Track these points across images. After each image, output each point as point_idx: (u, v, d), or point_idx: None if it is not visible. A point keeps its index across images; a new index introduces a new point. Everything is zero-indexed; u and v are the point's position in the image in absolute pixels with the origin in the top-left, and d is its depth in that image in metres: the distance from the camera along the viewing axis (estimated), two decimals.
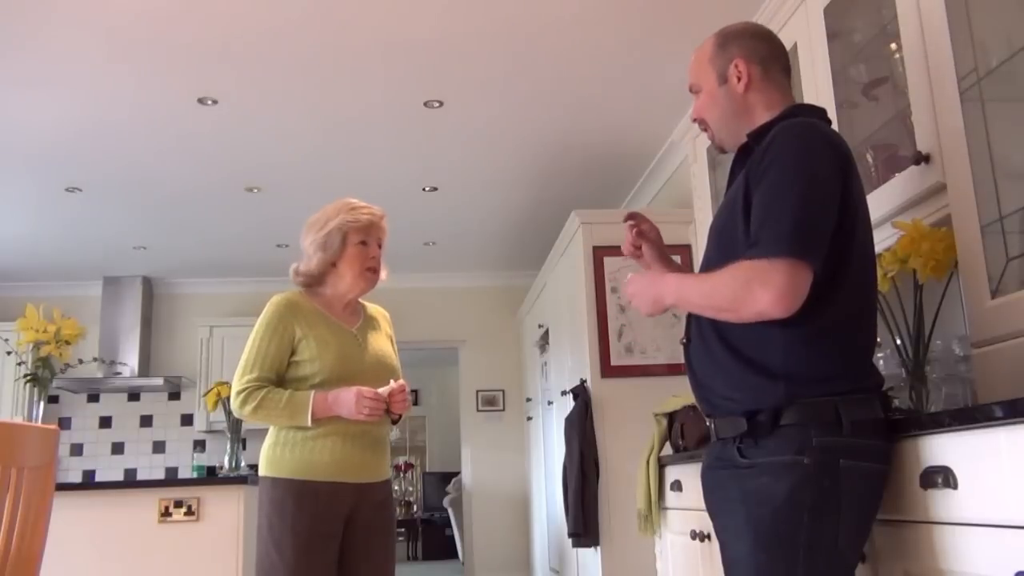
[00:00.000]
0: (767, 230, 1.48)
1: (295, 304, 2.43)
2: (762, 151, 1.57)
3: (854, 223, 1.54)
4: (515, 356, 7.40)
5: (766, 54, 1.73)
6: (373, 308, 2.63)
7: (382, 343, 2.54)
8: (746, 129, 1.71)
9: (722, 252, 1.64)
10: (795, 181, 1.50)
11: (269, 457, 2.37)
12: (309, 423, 2.30)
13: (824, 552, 1.45)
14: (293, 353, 2.39)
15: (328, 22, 3.45)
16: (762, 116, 1.70)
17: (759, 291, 1.44)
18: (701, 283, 1.60)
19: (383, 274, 2.54)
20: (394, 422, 2.50)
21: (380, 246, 2.53)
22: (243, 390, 2.34)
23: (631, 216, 1.94)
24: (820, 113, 1.72)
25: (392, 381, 2.38)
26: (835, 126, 2.31)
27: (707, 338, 1.62)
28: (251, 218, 5.73)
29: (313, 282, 2.50)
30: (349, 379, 2.35)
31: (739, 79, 1.71)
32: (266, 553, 2.29)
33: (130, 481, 6.29)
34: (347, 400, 2.30)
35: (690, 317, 1.71)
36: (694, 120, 1.84)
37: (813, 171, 1.51)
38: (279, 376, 2.39)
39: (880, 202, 2.12)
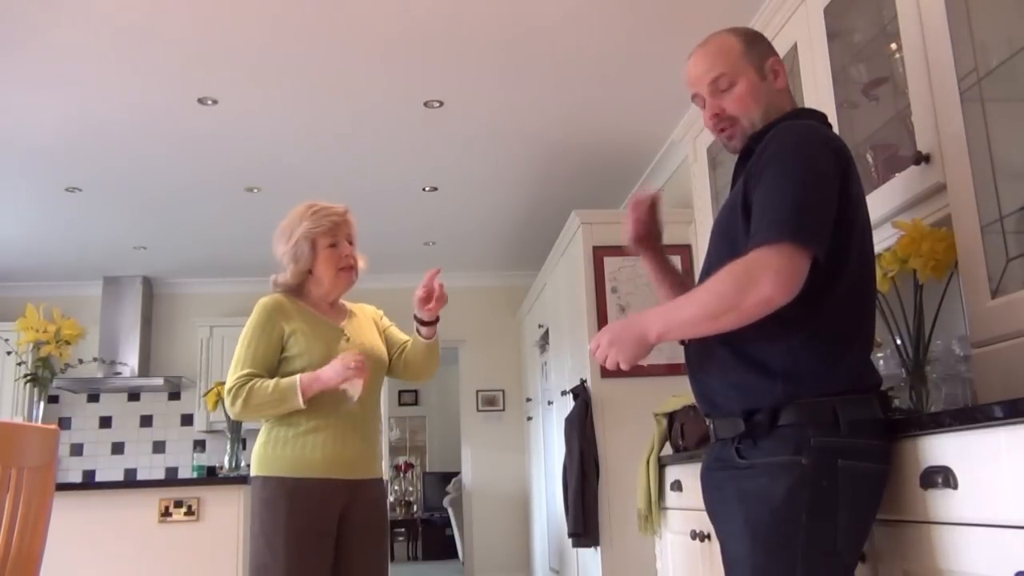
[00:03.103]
0: (765, 220, 1.47)
1: (282, 304, 2.45)
2: (760, 151, 1.58)
3: (852, 223, 1.54)
4: (515, 356, 7.40)
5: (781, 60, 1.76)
6: (358, 307, 2.64)
7: (370, 337, 2.55)
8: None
9: (723, 253, 1.64)
10: (794, 175, 1.50)
11: (260, 456, 2.37)
12: (301, 403, 2.30)
13: (822, 552, 1.45)
14: (283, 350, 2.41)
15: (328, 22, 3.45)
16: (779, 116, 1.70)
17: (760, 276, 1.42)
18: (691, 297, 1.54)
19: (361, 264, 2.56)
20: (429, 337, 2.51)
21: (351, 242, 2.53)
22: (232, 386, 2.35)
23: (634, 202, 1.87)
24: (821, 117, 1.72)
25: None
26: (835, 126, 2.32)
27: (707, 338, 1.62)
28: (251, 218, 5.73)
29: (293, 291, 2.52)
30: None
31: (776, 76, 1.70)
32: (259, 553, 2.28)
33: (130, 481, 6.28)
34: (330, 366, 2.31)
35: None
36: (724, 115, 1.69)
37: (812, 166, 1.51)
38: (270, 374, 2.40)
39: (880, 202, 2.12)
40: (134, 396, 7.08)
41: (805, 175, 1.50)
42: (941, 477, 1.38)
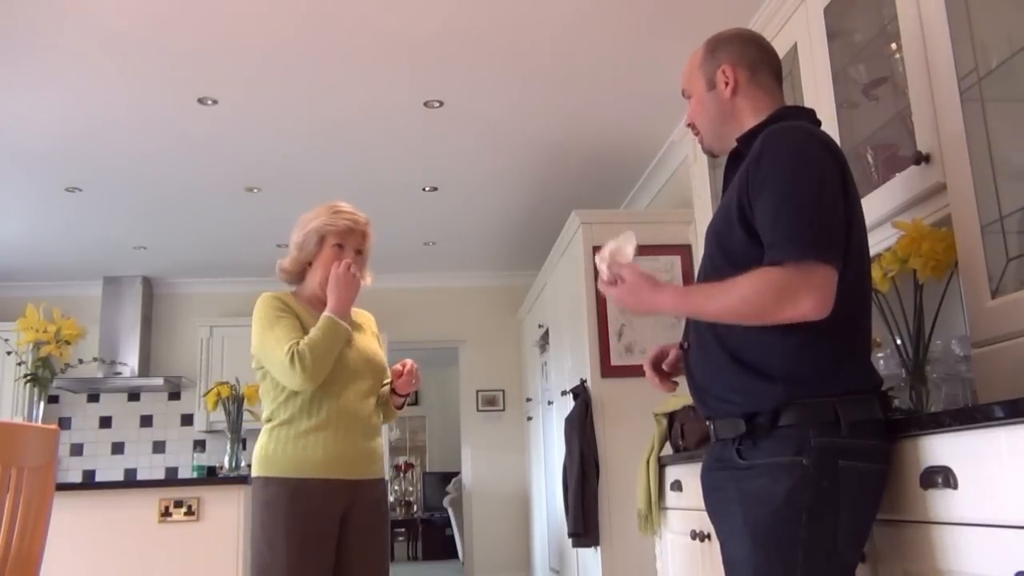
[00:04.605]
0: (785, 237, 1.47)
1: (283, 299, 2.45)
2: (755, 156, 1.57)
3: (850, 225, 1.54)
4: (515, 356, 7.40)
5: (754, 58, 1.74)
6: (361, 314, 2.63)
7: (368, 342, 2.55)
8: (734, 133, 1.71)
9: (719, 256, 1.64)
10: (803, 184, 1.50)
11: (261, 456, 2.36)
12: (347, 325, 2.38)
13: (823, 553, 1.45)
14: None
15: (328, 22, 3.45)
16: (749, 120, 1.70)
17: (801, 293, 1.43)
18: (721, 294, 1.52)
19: (367, 280, 2.55)
20: (398, 407, 2.58)
21: (361, 252, 2.52)
22: (288, 358, 2.27)
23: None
24: (809, 115, 1.72)
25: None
26: (835, 126, 2.32)
27: (706, 343, 1.62)
28: (251, 218, 5.72)
29: (291, 279, 2.52)
30: (339, 376, 2.36)
31: (726, 84, 1.72)
32: (259, 554, 2.28)
33: (130, 481, 6.29)
34: (330, 291, 2.39)
35: (689, 322, 1.71)
36: (687, 125, 1.86)
37: (817, 172, 1.51)
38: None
39: (880, 202, 2.12)
40: (134, 396, 7.08)
41: (814, 183, 1.50)
42: (941, 477, 1.38)
